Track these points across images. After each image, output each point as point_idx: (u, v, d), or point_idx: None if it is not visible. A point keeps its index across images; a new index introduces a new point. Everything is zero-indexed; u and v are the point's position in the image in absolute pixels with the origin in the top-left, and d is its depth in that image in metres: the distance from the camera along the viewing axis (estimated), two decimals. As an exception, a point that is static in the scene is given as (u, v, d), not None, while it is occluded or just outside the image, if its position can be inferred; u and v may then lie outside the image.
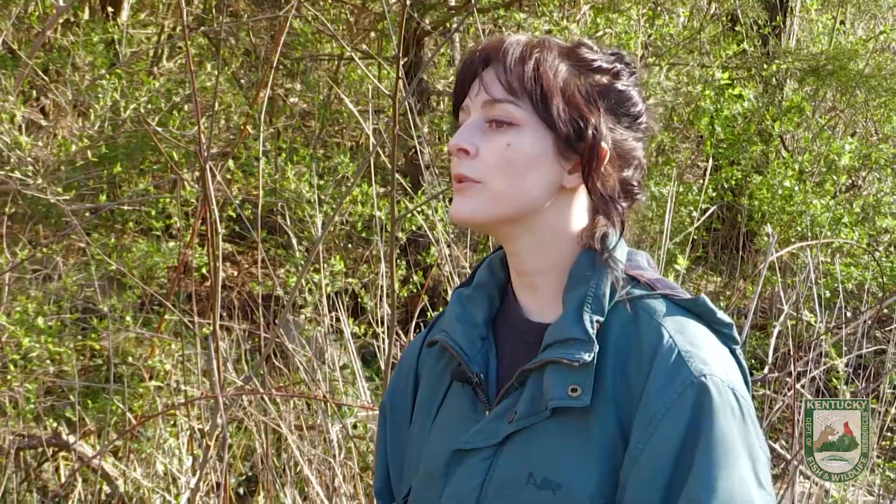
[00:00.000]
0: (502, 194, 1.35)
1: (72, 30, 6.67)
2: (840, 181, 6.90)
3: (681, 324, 1.33)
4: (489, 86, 1.36)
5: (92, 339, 4.89)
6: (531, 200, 1.36)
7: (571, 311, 1.34)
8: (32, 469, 4.61)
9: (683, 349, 1.29)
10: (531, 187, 1.35)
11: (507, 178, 1.34)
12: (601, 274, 1.35)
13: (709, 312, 1.36)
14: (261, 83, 4.75)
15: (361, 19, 6.81)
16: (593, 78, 1.38)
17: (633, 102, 1.40)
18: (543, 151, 1.35)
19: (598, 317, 1.33)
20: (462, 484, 1.39)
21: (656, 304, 1.35)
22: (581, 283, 1.36)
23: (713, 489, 1.22)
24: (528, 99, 1.34)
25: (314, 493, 3.68)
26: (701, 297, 1.37)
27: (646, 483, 1.26)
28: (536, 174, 1.35)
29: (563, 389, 1.30)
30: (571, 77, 1.36)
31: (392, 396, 1.63)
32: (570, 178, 1.37)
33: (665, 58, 6.69)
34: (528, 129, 1.35)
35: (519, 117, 1.34)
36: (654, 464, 1.25)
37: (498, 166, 1.34)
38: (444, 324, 1.51)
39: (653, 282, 1.38)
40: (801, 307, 4.04)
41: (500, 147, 1.34)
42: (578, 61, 1.38)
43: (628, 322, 1.34)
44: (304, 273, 3.62)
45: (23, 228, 5.76)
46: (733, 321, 1.39)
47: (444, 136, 6.69)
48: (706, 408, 1.25)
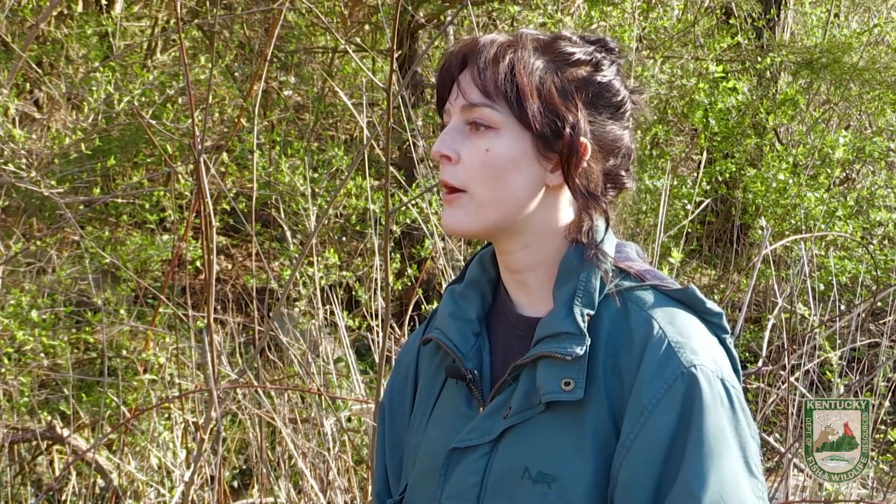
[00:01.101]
0: (487, 202, 1.35)
1: (65, 22, 6.66)
2: (834, 174, 6.91)
3: (671, 314, 1.33)
4: (466, 90, 1.36)
5: (86, 332, 4.89)
6: (516, 203, 1.36)
7: (562, 306, 1.34)
8: (27, 462, 4.61)
9: (673, 340, 1.29)
10: (515, 189, 1.35)
11: (489, 184, 1.34)
12: (590, 267, 1.35)
13: (698, 302, 1.37)
14: (255, 76, 4.74)
15: (355, 12, 6.80)
16: (571, 72, 1.36)
17: (615, 92, 1.39)
18: (523, 153, 1.34)
19: (588, 310, 1.34)
20: (461, 482, 1.40)
21: (646, 295, 1.36)
22: (571, 277, 1.36)
23: (704, 479, 1.23)
24: (504, 101, 1.33)
25: (308, 486, 3.68)
26: (690, 286, 1.37)
27: (637, 473, 1.26)
28: (518, 176, 1.35)
29: (556, 383, 1.31)
30: (548, 74, 1.35)
31: (391, 396, 1.62)
32: (553, 177, 1.37)
33: (659, 51, 6.68)
34: (506, 131, 1.34)
35: (496, 120, 1.34)
36: (646, 454, 1.26)
37: (479, 172, 1.34)
38: (438, 321, 1.50)
39: (642, 273, 1.38)
40: (795, 300, 4.04)
41: (480, 153, 1.34)
42: (555, 56, 1.37)
43: (619, 314, 1.34)
44: (299, 266, 3.61)
45: (16, 221, 5.76)
46: (723, 311, 1.39)
47: (438, 129, 6.68)
48: (696, 398, 1.26)
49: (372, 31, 7.18)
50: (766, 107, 6.81)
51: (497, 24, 7.28)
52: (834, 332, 4.48)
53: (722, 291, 6.61)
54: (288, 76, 6.81)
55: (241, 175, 6.00)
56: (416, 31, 6.64)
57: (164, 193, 5.16)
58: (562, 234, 1.39)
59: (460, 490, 1.39)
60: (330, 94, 6.94)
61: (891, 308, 4.31)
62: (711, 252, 7.91)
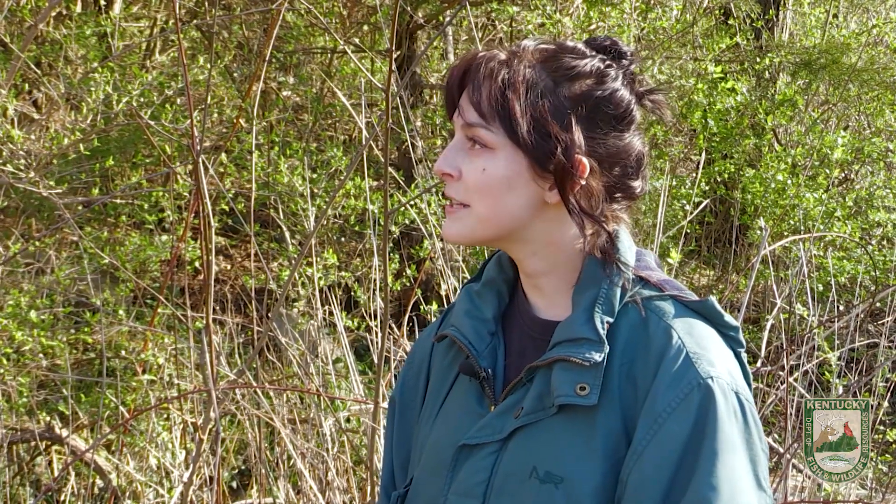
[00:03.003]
0: (486, 217, 1.37)
1: (64, 23, 6.65)
2: (833, 175, 6.91)
3: (689, 325, 1.34)
4: (464, 109, 1.37)
5: (85, 332, 4.88)
6: (514, 220, 1.37)
7: (582, 312, 1.35)
8: (25, 463, 4.61)
9: (692, 350, 1.30)
10: (512, 208, 1.36)
11: (486, 202, 1.36)
12: (612, 276, 1.37)
13: (716, 315, 1.38)
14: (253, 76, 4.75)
15: (354, 12, 6.80)
16: (570, 88, 1.35)
17: (616, 103, 1.36)
18: (518, 173, 1.35)
19: (608, 318, 1.34)
20: (468, 479, 1.40)
21: (665, 305, 1.37)
22: (592, 284, 1.37)
23: (716, 489, 1.24)
24: (499, 121, 1.34)
25: (307, 486, 3.68)
26: (710, 299, 1.38)
27: (647, 480, 1.27)
28: (514, 196, 1.36)
29: (571, 387, 1.32)
30: (542, 93, 1.34)
31: (402, 391, 1.63)
32: (552, 195, 1.37)
33: (658, 51, 6.68)
34: (501, 151, 1.35)
35: (492, 141, 1.35)
36: (657, 462, 1.27)
37: (478, 190, 1.36)
38: (454, 318, 1.51)
39: (662, 283, 1.39)
40: (793, 301, 4.04)
41: (478, 172, 1.36)
42: (555, 70, 1.36)
43: (637, 323, 1.35)
44: (297, 266, 3.61)
45: (15, 222, 5.76)
46: (740, 325, 1.40)
47: (436, 129, 6.69)
48: (711, 409, 1.27)
49: (370, 31, 7.18)
50: (764, 107, 6.81)
51: (496, 24, 7.28)
52: (832, 332, 4.48)
53: (721, 292, 6.62)
54: (287, 77, 6.81)
55: (239, 175, 6.01)
56: (415, 32, 6.63)
57: (163, 194, 5.16)
58: (571, 243, 1.39)
59: (467, 487, 1.40)
60: (329, 95, 6.94)
61: (889, 308, 4.32)
62: (710, 252, 7.91)
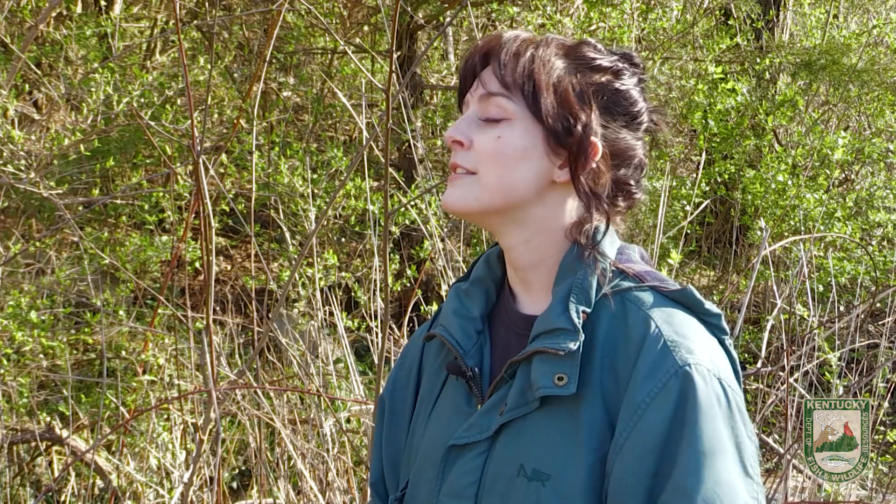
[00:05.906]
0: (493, 186, 1.37)
1: (64, 23, 6.66)
2: (833, 175, 6.91)
3: (668, 314, 1.34)
4: (486, 80, 1.39)
5: (85, 333, 4.89)
6: (520, 193, 1.37)
7: (558, 302, 1.35)
8: (26, 463, 4.61)
9: (669, 339, 1.30)
10: (521, 179, 1.37)
11: (497, 170, 1.36)
12: (588, 266, 1.36)
13: (696, 303, 1.37)
14: (254, 77, 4.74)
15: (355, 13, 6.81)
16: (591, 76, 1.39)
17: (632, 102, 1.41)
18: (533, 144, 1.36)
19: (584, 307, 1.34)
20: (459, 480, 1.40)
21: (644, 295, 1.36)
22: (568, 274, 1.37)
23: (699, 476, 1.23)
24: (521, 93, 1.36)
25: (308, 487, 3.68)
26: (688, 287, 1.38)
27: (631, 471, 1.26)
28: (526, 166, 1.36)
29: (549, 378, 1.31)
30: (566, 74, 1.38)
31: (392, 390, 1.63)
32: (561, 173, 1.38)
33: (658, 52, 6.68)
34: (519, 122, 1.37)
35: (511, 111, 1.36)
36: (639, 453, 1.26)
37: (490, 157, 1.37)
38: (442, 318, 1.52)
39: (641, 274, 1.39)
40: (794, 301, 4.04)
41: (492, 139, 1.37)
42: (578, 59, 1.39)
43: (617, 314, 1.35)
44: (298, 267, 3.61)
45: (15, 222, 5.76)
46: (722, 312, 1.40)
47: (437, 129, 6.69)
48: (690, 397, 1.26)
49: (371, 32, 7.18)
50: (765, 108, 6.81)
51: (496, 25, 7.28)
52: (833, 333, 4.49)
53: (721, 292, 6.62)
54: (287, 77, 6.81)
55: (240, 176, 6.01)
56: (416, 32, 6.64)
57: (164, 194, 5.16)
58: (563, 233, 1.40)
59: (458, 488, 1.40)
60: (329, 95, 6.94)
61: (890, 309, 4.31)
62: (710, 253, 7.91)
